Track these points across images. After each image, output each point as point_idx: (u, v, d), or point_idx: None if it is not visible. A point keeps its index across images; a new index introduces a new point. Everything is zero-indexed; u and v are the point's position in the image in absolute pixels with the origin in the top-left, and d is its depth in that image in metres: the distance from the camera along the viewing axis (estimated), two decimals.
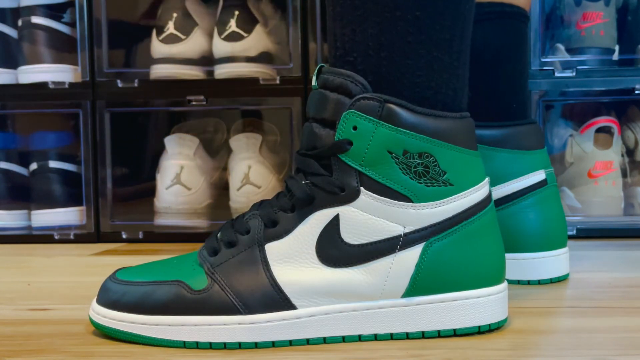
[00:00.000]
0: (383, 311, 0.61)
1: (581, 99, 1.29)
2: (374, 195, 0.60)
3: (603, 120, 1.26)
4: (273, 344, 0.60)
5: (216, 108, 1.36)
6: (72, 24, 1.34)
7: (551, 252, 0.84)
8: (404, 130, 0.59)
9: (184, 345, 0.60)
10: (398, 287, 0.61)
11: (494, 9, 0.85)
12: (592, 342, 0.61)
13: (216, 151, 1.39)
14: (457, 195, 0.61)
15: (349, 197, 0.60)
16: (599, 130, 1.25)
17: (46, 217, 1.31)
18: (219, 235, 0.64)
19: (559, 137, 1.30)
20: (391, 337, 0.62)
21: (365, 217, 0.60)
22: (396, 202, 0.60)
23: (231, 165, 1.30)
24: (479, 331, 0.62)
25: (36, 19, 1.31)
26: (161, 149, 1.32)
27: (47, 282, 0.94)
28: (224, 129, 1.41)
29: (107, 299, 0.63)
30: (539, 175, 0.84)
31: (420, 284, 0.61)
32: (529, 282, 0.84)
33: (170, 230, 1.29)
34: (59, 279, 0.98)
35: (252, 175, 1.28)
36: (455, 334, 0.62)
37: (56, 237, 1.30)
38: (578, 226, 1.22)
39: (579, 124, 1.29)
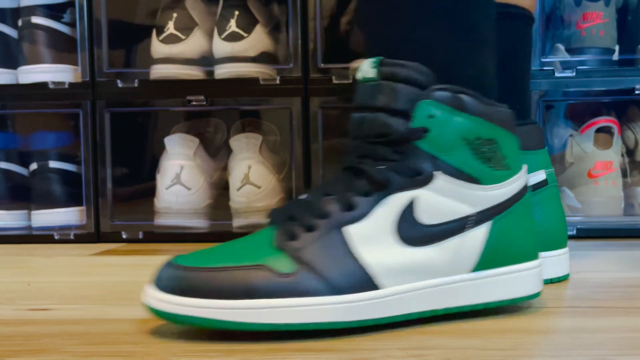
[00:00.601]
0: (456, 286, 0.66)
1: (581, 99, 1.29)
2: (449, 178, 0.65)
3: (603, 120, 1.26)
4: (362, 323, 0.62)
5: (216, 108, 1.36)
6: (72, 24, 1.34)
7: (551, 252, 0.84)
8: (477, 118, 0.65)
9: (274, 327, 0.60)
10: (470, 261, 0.66)
11: (499, 10, 0.85)
12: (592, 342, 0.61)
13: (216, 151, 1.39)
14: (513, 177, 0.68)
15: (424, 180, 0.64)
16: (599, 130, 1.25)
17: (46, 217, 1.31)
18: (293, 219, 0.64)
19: (559, 137, 1.30)
20: (459, 312, 0.66)
21: (439, 199, 0.65)
22: (468, 184, 0.66)
23: (231, 165, 1.30)
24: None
25: (36, 19, 1.31)
26: (161, 149, 1.32)
27: (47, 282, 0.94)
28: (224, 129, 1.41)
29: (184, 285, 0.60)
30: (539, 176, 0.84)
31: (488, 259, 0.67)
32: None
33: (170, 230, 1.29)
34: (59, 279, 0.98)
35: (252, 175, 1.28)
36: (514, 302, 0.68)
37: (56, 237, 1.30)
38: (578, 226, 1.22)
39: (579, 124, 1.29)
